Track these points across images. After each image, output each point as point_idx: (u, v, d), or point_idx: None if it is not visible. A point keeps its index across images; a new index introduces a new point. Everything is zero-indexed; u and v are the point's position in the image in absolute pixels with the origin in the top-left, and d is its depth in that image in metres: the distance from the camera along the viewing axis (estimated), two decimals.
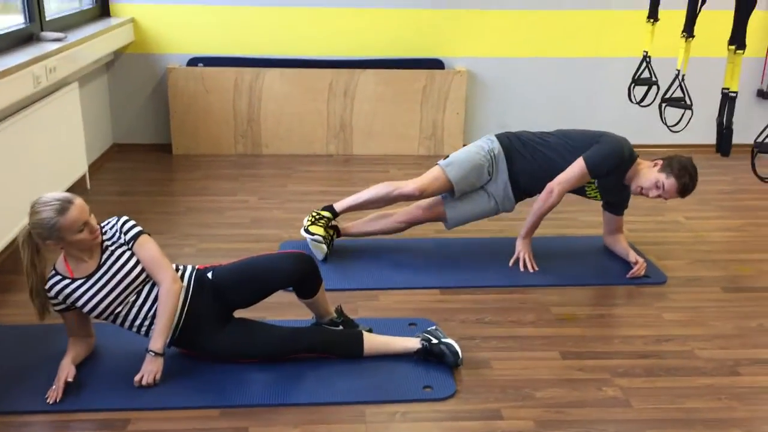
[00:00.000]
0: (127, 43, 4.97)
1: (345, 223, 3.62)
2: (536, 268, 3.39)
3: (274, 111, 5.13)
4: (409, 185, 3.43)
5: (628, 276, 3.34)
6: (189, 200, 4.27)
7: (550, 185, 3.33)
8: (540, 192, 3.41)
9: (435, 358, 2.63)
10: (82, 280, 2.46)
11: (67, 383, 2.40)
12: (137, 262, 2.49)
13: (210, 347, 2.57)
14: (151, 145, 5.25)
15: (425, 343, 2.64)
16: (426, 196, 3.46)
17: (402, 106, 5.17)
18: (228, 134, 5.16)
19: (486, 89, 5.31)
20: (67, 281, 2.47)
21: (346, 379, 2.53)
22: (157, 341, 2.47)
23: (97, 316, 2.49)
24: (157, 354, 2.46)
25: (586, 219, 4.02)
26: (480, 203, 3.44)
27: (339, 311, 2.75)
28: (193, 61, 5.06)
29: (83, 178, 4.36)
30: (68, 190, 3.99)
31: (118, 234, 2.51)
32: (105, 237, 2.49)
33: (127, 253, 2.49)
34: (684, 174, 3.22)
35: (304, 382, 2.51)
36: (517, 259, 3.44)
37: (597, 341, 2.87)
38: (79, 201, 2.39)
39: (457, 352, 2.60)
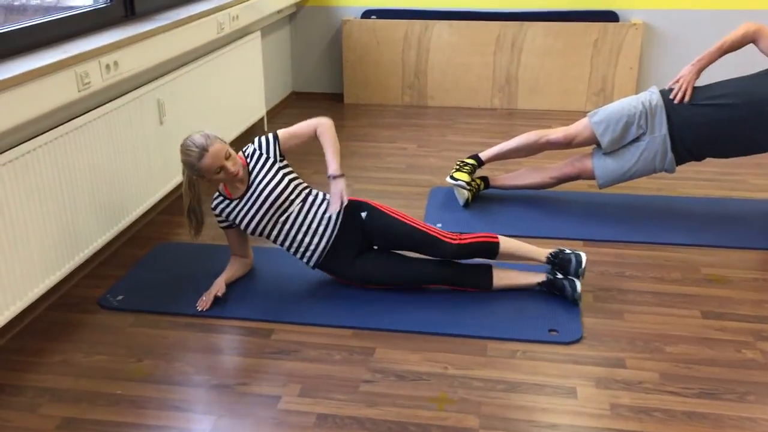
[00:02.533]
0: None
1: (495, 175, 3.66)
2: (686, 100, 3.19)
3: (441, 63, 5.21)
4: (557, 132, 3.40)
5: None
6: (352, 145, 4.50)
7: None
8: (711, 154, 3.23)
9: (558, 292, 2.69)
10: (237, 200, 2.73)
11: (216, 297, 2.70)
12: (280, 178, 2.68)
13: (349, 273, 2.75)
14: (326, 94, 5.57)
15: (549, 276, 2.70)
16: (575, 145, 3.40)
17: (570, 60, 5.05)
18: (396, 85, 5.34)
19: (664, 44, 5.04)
20: (226, 201, 2.76)
21: (471, 315, 2.62)
22: (332, 165, 2.70)
23: (254, 233, 2.74)
24: (337, 176, 2.69)
25: (757, 182, 3.75)
26: (631, 160, 3.29)
27: (553, 256, 2.74)
28: (367, 14, 5.27)
29: (261, 120, 4.74)
30: (248, 131, 4.40)
31: (258, 153, 2.73)
32: (250, 162, 2.74)
33: (272, 170, 2.70)
34: None
35: (431, 313, 2.63)
36: (676, 87, 3.23)
37: (744, 304, 2.72)
38: (214, 148, 2.56)
39: (576, 287, 2.65)
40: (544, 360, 2.41)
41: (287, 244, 2.75)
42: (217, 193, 2.80)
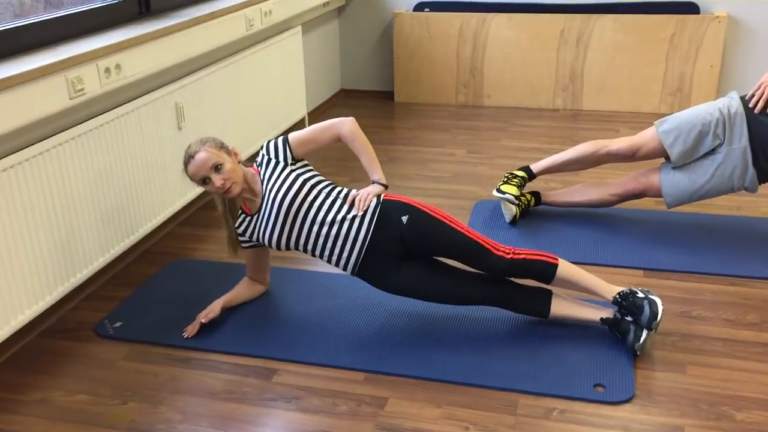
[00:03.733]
0: None
1: (547, 190, 3.27)
2: None
3: (499, 60, 4.81)
4: (619, 142, 2.98)
5: None
6: (395, 149, 4.17)
7: None
8: None
9: (620, 334, 2.31)
10: (256, 215, 2.45)
11: (201, 324, 2.43)
12: (293, 180, 2.37)
13: (389, 284, 2.40)
14: (376, 92, 5.25)
15: (617, 315, 2.32)
16: (640, 157, 2.98)
17: (643, 56, 4.56)
18: (450, 83, 4.96)
19: (750, 39, 4.49)
20: (247, 218, 2.48)
21: (502, 360, 2.26)
22: (375, 172, 2.45)
23: (280, 247, 2.43)
24: (380, 183, 2.43)
25: None
26: (704, 175, 2.84)
27: (622, 297, 2.32)
28: (420, 6, 4.91)
29: (302, 121, 4.46)
30: (287, 131, 4.12)
31: (267, 159, 2.44)
32: (261, 170, 2.45)
33: (283, 174, 2.39)
34: None
35: (455, 356, 2.29)
36: (756, 95, 2.80)
37: None
38: (200, 156, 2.31)
39: (640, 338, 2.24)
40: (585, 424, 2.03)
41: (318, 251, 2.42)
42: (240, 211, 2.52)
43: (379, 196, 2.42)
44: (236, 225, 2.53)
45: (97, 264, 2.67)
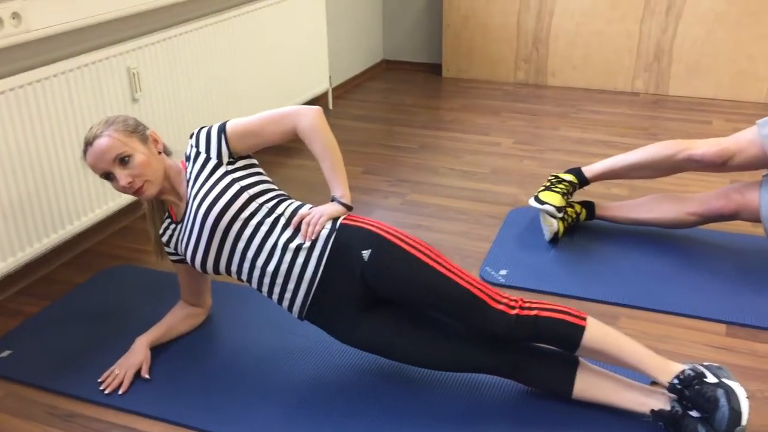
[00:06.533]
0: None
1: (605, 201, 2.49)
2: None
3: (569, 31, 3.98)
4: (706, 145, 2.17)
5: None
6: (429, 135, 3.44)
7: None
8: None
9: None
10: (180, 224, 1.81)
11: (136, 375, 1.81)
12: (225, 186, 1.71)
13: (350, 337, 1.72)
14: (421, 65, 4.51)
15: (675, 408, 1.54)
16: (733, 167, 2.16)
17: (751, 30, 3.64)
18: (508, 57, 4.17)
19: None
20: (171, 225, 1.86)
21: None
22: (337, 186, 1.74)
23: (205, 268, 1.78)
24: (342, 203, 1.73)
25: None
26: None
27: (683, 383, 1.55)
28: None
29: (323, 97, 3.78)
30: (310, 103, 3.44)
31: (196, 152, 1.77)
32: (189, 166, 1.79)
33: (213, 176, 1.73)
34: None
35: None
36: None
37: None
38: (99, 143, 1.69)
39: None
40: None
41: (254, 283, 1.76)
42: (166, 215, 1.89)
43: (335, 220, 1.71)
44: (160, 232, 1.89)
45: None
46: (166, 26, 2.61)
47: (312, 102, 3.60)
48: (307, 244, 1.67)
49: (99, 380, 1.80)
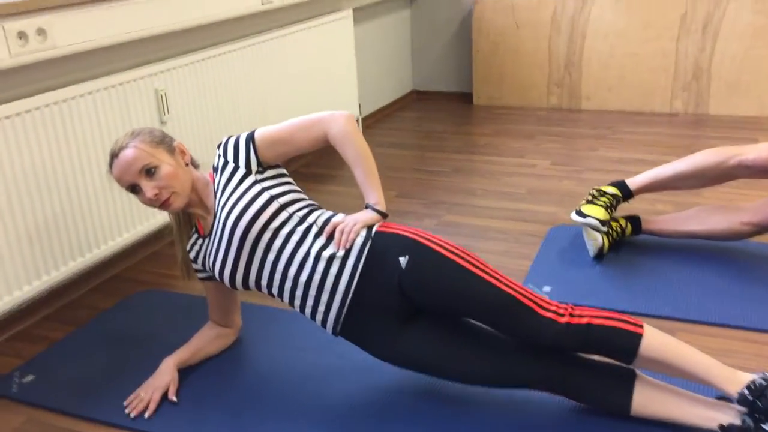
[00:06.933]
0: None
1: (652, 215, 2.37)
2: None
3: (602, 53, 3.90)
4: (757, 149, 2.06)
5: None
6: (462, 159, 3.35)
7: None
8: None
9: None
10: (208, 238, 1.74)
11: (162, 398, 1.72)
12: (254, 196, 1.63)
13: (388, 353, 1.62)
14: (452, 94, 4.46)
15: (746, 421, 1.40)
16: None
17: None
18: (540, 82, 4.10)
19: None
20: (199, 240, 1.78)
21: None
22: (371, 192, 1.65)
23: (234, 284, 1.70)
24: (375, 210, 1.64)
25: None
26: None
27: (753, 393, 1.41)
28: None
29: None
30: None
31: (224, 162, 1.70)
32: (216, 178, 1.72)
33: (242, 186, 1.65)
34: None
35: None
36: None
37: None
38: (125, 155, 1.64)
39: None
40: None
41: (286, 297, 1.67)
42: (194, 230, 1.83)
43: (370, 228, 1.63)
44: (188, 248, 1.82)
45: (20, 294, 2.02)
46: (195, 49, 2.58)
47: None
48: (341, 253, 1.58)
49: (124, 403, 1.71)
